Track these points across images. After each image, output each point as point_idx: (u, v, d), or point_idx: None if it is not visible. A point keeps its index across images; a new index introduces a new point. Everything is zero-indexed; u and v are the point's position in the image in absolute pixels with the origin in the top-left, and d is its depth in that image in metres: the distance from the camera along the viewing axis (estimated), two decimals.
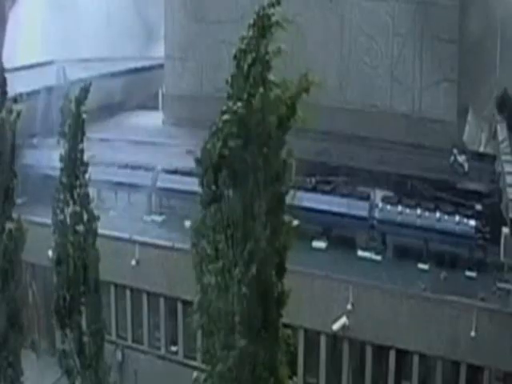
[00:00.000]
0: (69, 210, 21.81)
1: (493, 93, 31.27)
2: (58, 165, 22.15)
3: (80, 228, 21.87)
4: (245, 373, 16.08)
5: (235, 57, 15.34)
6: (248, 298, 15.92)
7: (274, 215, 16.01)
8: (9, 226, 23.80)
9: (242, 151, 15.42)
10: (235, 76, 15.35)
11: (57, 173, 22.40)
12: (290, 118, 15.56)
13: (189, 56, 36.56)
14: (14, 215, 24.45)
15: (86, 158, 22.03)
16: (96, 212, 22.14)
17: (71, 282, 21.74)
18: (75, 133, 21.67)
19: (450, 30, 29.89)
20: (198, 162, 15.78)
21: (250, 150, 15.47)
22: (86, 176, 21.99)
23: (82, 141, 21.82)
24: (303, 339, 27.01)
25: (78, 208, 21.82)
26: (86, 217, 21.90)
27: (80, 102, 21.56)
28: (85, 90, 21.64)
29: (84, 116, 21.78)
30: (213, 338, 16.26)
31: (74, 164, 21.78)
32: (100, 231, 22.28)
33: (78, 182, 21.85)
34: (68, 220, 21.84)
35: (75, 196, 21.84)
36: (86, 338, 21.92)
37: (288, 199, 16.78)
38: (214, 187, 15.79)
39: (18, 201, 31.31)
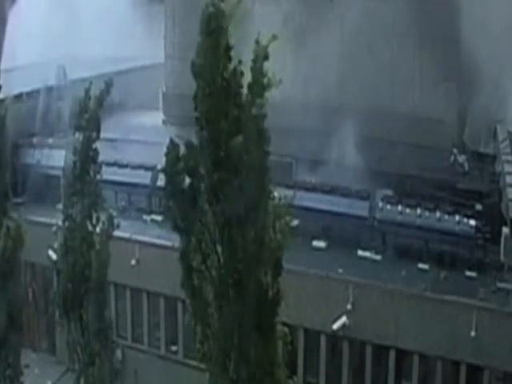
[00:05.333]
0: (78, 206, 21.80)
1: (493, 93, 31.22)
2: (58, 164, 22.17)
3: (89, 224, 21.87)
4: (241, 373, 16.09)
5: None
6: (241, 301, 15.91)
7: (262, 209, 15.89)
8: (6, 222, 23.82)
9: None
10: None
11: (56, 172, 22.42)
12: (260, 82, 15.50)
13: (189, 56, 36.45)
14: (14, 215, 24.46)
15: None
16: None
17: (76, 277, 21.76)
18: (91, 129, 21.70)
19: (450, 29, 29.86)
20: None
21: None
22: (98, 176, 22.00)
23: (97, 137, 21.88)
24: (303, 339, 27.01)
25: (86, 204, 21.79)
26: (95, 215, 21.89)
27: (102, 98, 21.58)
28: (107, 86, 21.71)
29: None
30: (209, 341, 16.29)
31: (86, 160, 21.77)
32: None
33: (88, 178, 21.84)
34: (78, 215, 21.84)
35: (85, 192, 21.81)
36: (89, 335, 21.96)
37: (288, 199, 16.72)
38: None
39: (18, 200, 31.50)
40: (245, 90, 15.79)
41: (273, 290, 16.13)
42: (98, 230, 22.00)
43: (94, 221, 21.91)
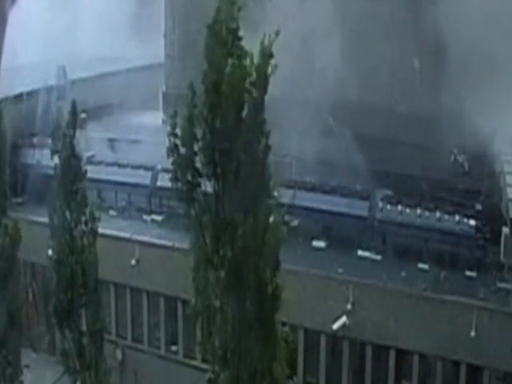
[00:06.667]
0: (66, 214, 21.89)
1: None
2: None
3: (77, 231, 21.94)
4: (241, 367, 16.13)
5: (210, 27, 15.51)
6: (239, 293, 15.96)
7: (259, 202, 15.89)
8: (4, 222, 23.88)
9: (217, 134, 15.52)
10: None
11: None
12: (264, 86, 15.56)
13: (189, 55, 36.50)
14: (14, 215, 24.50)
15: (83, 161, 22.23)
16: (96, 212, 22.25)
17: (69, 284, 21.80)
18: (71, 140, 21.88)
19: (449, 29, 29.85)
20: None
21: (226, 131, 15.54)
22: (84, 181, 22.12)
23: (74, 136, 22.06)
24: (303, 339, 27.01)
25: (75, 212, 21.90)
26: (83, 219, 21.98)
27: (74, 114, 21.88)
28: (74, 106, 22.04)
29: (83, 115, 22.00)
30: (211, 338, 16.33)
31: (71, 168, 21.89)
32: (100, 231, 22.32)
33: (74, 187, 21.94)
34: (65, 223, 21.91)
35: (72, 199, 21.90)
36: (85, 339, 21.98)
37: (288, 199, 16.76)
38: (190, 177, 15.88)
39: (18, 200, 31.52)
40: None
41: (272, 286, 16.19)
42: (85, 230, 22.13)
43: (83, 225, 21.98)
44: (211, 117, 15.54)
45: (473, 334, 23.80)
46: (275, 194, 16.13)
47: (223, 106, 15.42)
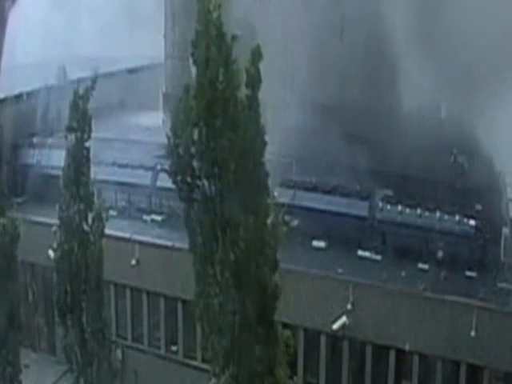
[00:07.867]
0: (74, 207, 21.93)
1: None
2: (58, 164, 22.26)
3: (85, 225, 21.99)
4: (242, 368, 16.16)
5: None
6: (239, 293, 16.00)
7: (258, 202, 15.94)
8: (2, 221, 23.90)
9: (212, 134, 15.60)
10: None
11: (56, 172, 22.48)
12: (257, 88, 15.68)
13: (189, 56, 36.45)
14: (12, 214, 24.51)
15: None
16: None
17: (73, 279, 21.84)
18: (83, 129, 21.92)
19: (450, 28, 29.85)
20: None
21: (220, 129, 15.63)
22: (90, 174, 22.19)
23: (89, 137, 22.10)
24: (303, 339, 27.01)
25: (82, 205, 21.94)
26: (90, 214, 22.04)
27: (86, 98, 21.87)
28: (90, 88, 22.02)
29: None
30: (211, 337, 16.36)
31: (80, 160, 21.93)
32: None
33: (83, 179, 22.00)
34: (74, 217, 21.95)
35: (81, 193, 21.96)
36: (87, 334, 22.03)
37: (288, 199, 16.81)
38: (189, 178, 15.94)
39: (18, 200, 31.51)
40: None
41: (271, 285, 16.22)
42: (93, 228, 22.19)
43: (90, 220, 22.01)
44: (206, 116, 15.58)
45: (473, 333, 23.80)
46: (274, 193, 16.19)
47: (217, 105, 15.47)
